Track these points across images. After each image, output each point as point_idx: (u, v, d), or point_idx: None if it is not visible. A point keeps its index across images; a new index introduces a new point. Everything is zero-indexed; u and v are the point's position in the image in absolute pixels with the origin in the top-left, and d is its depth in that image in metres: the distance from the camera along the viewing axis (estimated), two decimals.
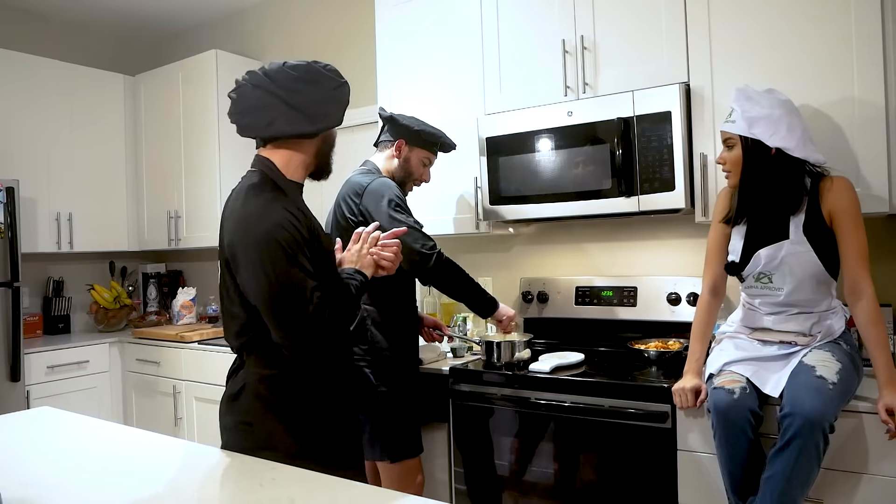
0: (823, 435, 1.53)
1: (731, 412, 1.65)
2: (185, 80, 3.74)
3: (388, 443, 2.12)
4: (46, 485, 1.20)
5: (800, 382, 1.61)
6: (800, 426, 1.53)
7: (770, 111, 1.73)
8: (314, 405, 1.46)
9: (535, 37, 2.45)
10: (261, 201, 1.41)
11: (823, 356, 1.66)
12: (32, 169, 3.52)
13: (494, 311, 2.26)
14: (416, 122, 2.29)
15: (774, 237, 1.76)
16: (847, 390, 1.62)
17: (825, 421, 1.53)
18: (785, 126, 1.71)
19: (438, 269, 2.13)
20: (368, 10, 3.21)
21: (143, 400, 3.55)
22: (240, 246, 1.40)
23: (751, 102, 1.75)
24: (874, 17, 1.87)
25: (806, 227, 1.73)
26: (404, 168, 2.28)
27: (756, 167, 1.75)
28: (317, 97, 1.47)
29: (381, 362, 2.13)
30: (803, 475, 1.55)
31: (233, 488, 1.16)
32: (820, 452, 1.54)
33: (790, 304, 1.78)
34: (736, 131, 1.76)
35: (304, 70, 1.49)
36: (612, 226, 2.67)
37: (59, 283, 3.85)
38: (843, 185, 1.73)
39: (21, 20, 3.83)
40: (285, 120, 1.45)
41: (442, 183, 2.66)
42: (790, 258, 1.73)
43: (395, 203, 2.11)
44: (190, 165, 3.72)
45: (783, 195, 1.75)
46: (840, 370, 1.61)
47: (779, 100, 1.76)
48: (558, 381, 2.10)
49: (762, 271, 1.79)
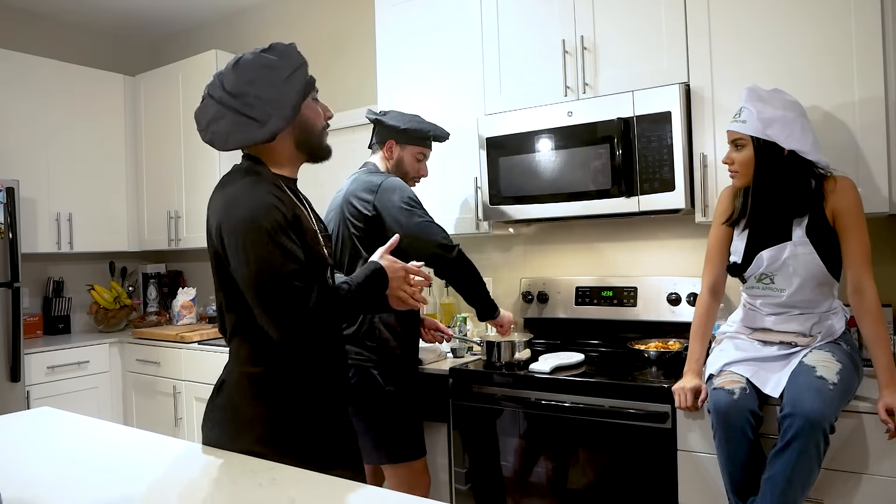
0: (824, 435, 1.53)
1: (731, 413, 1.65)
2: (185, 80, 3.75)
3: (394, 444, 2.12)
4: (46, 485, 1.20)
5: (800, 383, 1.61)
6: (800, 427, 1.53)
7: (784, 113, 1.72)
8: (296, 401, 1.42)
9: (535, 37, 2.45)
10: (245, 183, 1.37)
11: (824, 356, 1.66)
12: (32, 169, 3.52)
13: (497, 315, 2.27)
14: (404, 120, 2.27)
15: (777, 238, 1.76)
16: (847, 390, 1.62)
17: (825, 421, 1.53)
18: (799, 128, 1.71)
19: (458, 263, 2.15)
20: (368, 9, 3.21)
21: (143, 400, 3.54)
22: (225, 231, 1.36)
23: (763, 103, 1.74)
24: (874, 17, 1.87)
25: (809, 229, 1.73)
26: (399, 167, 2.28)
27: (769, 168, 1.74)
28: (265, 97, 1.36)
29: (390, 362, 2.13)
30: (804, 476, 1.54)
31: (232, 488, 1.16)
32: (820, 453, 1.54)
33: (791, 305, 1.78)
34: (749, 132, 1.74)
35: (251, 67, 1.38)
36: (612, 226, 2.67)
37: (59, 283, 3.84)
38: (847, 186, 1.73)
39: (21, 20, 3.83)
40: (239, 130, 1.38)
41: (442, 183, 2.66)
42: (793, 260, 1.73)
43: (414, 202, 2.13)
44: (190, 165, 3.72)
45: (791, 197, 1.74)
46: (840, 370, 1.61)
47: (790, 101, 1.76)
48: (558, 382, 2.10)
49: (764, 272, 1.79)
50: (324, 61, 3.54)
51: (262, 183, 1.38)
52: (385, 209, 2.10)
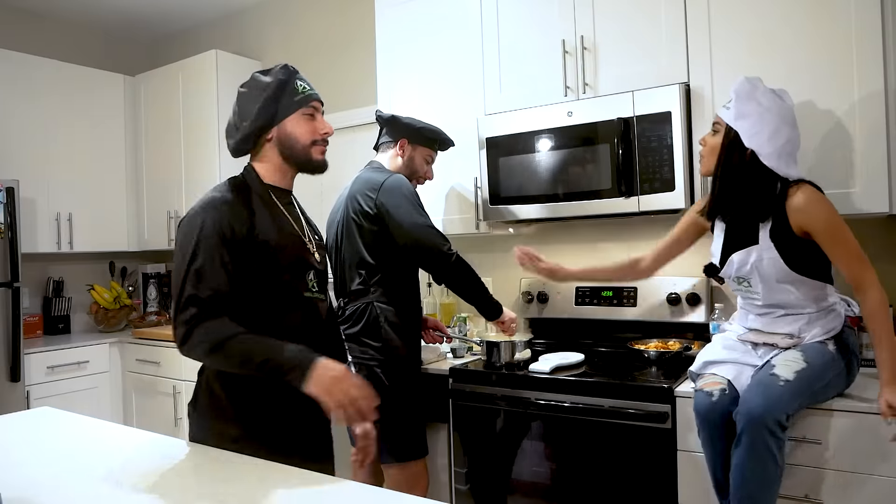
0: (770, 432, 1.53)
1: (710, 414, 1.68)
2: (185, 80, 3.74)
3: (396, 444, 2.12)
4: (46, 485, 1.20)
5: (753, 381, 1.65)
6: (744, 423, 1.57)
7: (763, 111, 1.69)
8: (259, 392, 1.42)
9: (535, 37, 2.45)
10: (206, 198, 1.45)
11: (792, 356, 1.66)
12: (32, 169, 3.52)
13: (500, 315, 2.27)
14: (417, 121, 2.31)
15: (746, 242, 1.76)
16: (807, 390, 1.61)
17: (769, 417, 1.53)
18: (769, 131, 1.67)
19: (456, 268, 2.14)
20: (368, 9, 3.21)
21: (143, 400, 3.54)
22: None
23: (749, 95, 1.71)
24: (874, 17, 1.86)
25: (773, 233, 1.70)
26: (409, 166, 2.29)
27: (730, 160, 1.73)
28: (241, 111, 1.51)
29: (394, 362, 2.13)
30: (758, 473, 1.56)
31: (232, 489, 1.16)
32: (771, 450, 1.54)
33: (773, 307, 1.77)
34: (724, 118, 1.74)
35: (246, 85, 1.53)
36: (612, 226, 2.67)
37: (59, 283, 3.84)
38: (812, 200, 1.65)
39: (21, 20, 3.83)
40: (228, 135, 1.53)
41: (442, 183, 2.66)
42: (759, 263, 1.72)
43: (415, 202, 2.13)
44: (190, 165, 3.72)
45: (752, 198, 1.72)
46: (802, 369, 1.60)
47: (779, 103, 1.72)
48: (558, 382, 2.10)
49: (738, 275, 1.79)
50: (324, 61, 3.54)
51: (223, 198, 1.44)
52: (387, 208, 2.11)
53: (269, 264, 1.45)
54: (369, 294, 2.14)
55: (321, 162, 1.55)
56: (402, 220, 2.09)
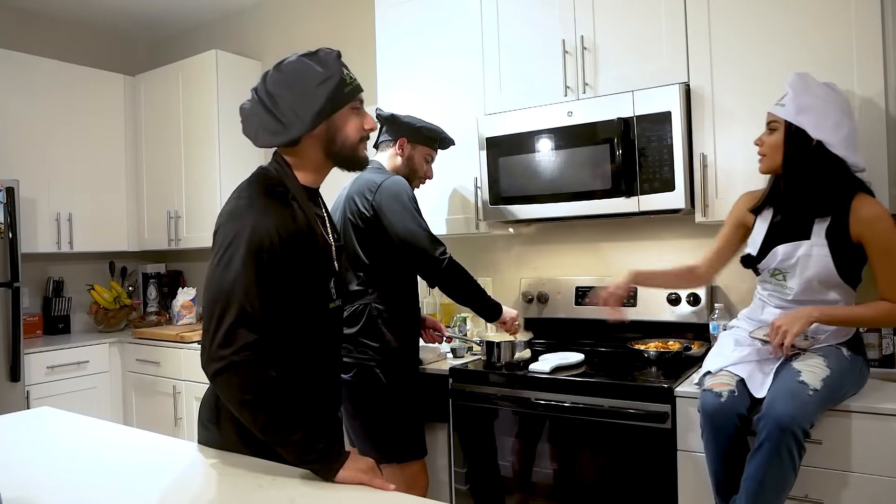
0: (795, 440, 1.53)
1: (717, 415, 1.66)
2: (185, 80, 3.74)
3: (395, 444, 2.12)
4: (46, 485, 1.20)
5: (780, 386, 1.63)
6: (770, 430, 1.54)
7: (823, 103, 1.71)
8: None
9: (535, 37, 2.45)
10: (245, 198, 1.33)
11: (815, 361, 1.66)
12: (32, 169, 3.51)
13: (500, 316, 2.26)
14: (416, 120, 2.30)
15: (795, 235, 1.75)
16: (831, 398, 1.62)
17: (796, 426, 1.52)
18: (832, 122, 1.69)
19: (449, 274, 2.13)
20: (368, 9, 3.21)
21: (143, 400, 3.54)
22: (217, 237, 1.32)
23: (805, 90, 1.73)
24: (874, 17, 1.86)
25: (830, 232, 1.71)
26: (409, 166, 2.29)
27: (796, 156, 1.73)
28: (295, 100, 1.33)
29: (392, 362, 2.13)
30: (777, 479, 1.55)
31: (232, 489, 1.16)
32: (794, 457, 1.54)
33: (801, 303, 1.76)
34: (782, 115, 1.74)
35: (291, 69, 1.36)
36: (612, 226, 2.67)
37: (59, 283, 3.84)
38: (881, 217, 1.68)
39: (21, 20, 3.83)
40: (266, 130, 1.36)
41: (442, 183, 2.66)
42: (806, 258, 1.72)
43: (410, 205, 2.12)
44: (190, 165, 3.72)
45: (816, 193, 1.73)
46: (827, 377, 1.60)
47: (834, 95, 1.75)
48: (558, 382, 2.10)
49: (777, 268, 1.78)
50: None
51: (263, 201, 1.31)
52: (383, 209, 2.10)
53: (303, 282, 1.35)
54: (367, 295, 2.14)
55: (365, 159, 1.44)
56: (394, 223, 2.09)
